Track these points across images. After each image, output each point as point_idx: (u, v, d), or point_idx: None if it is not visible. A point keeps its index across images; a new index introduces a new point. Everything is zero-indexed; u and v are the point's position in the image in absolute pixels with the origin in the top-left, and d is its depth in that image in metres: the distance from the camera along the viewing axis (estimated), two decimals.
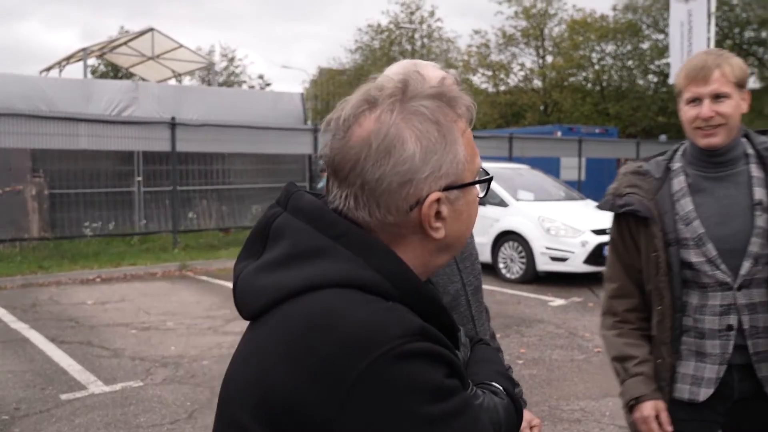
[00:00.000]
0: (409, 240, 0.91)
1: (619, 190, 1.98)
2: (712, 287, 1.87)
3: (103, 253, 10.81)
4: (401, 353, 0.77)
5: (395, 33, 37.37)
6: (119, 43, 19.58)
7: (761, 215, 1.84)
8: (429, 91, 0.90)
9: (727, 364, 1.87)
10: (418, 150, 0.86)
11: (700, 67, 1.85)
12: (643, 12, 29.50)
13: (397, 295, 0.85)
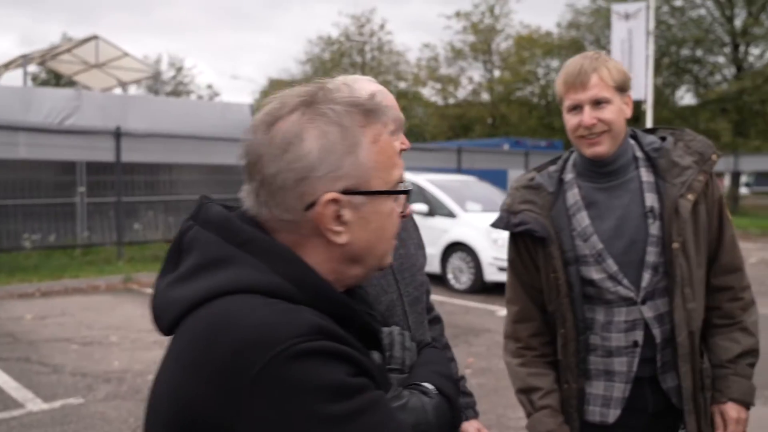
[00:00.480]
0: (312, 243, 0.90)
1: (513, 207, 1.86)
2: (617, 303, 1.79)
3: (43, 266, 10.46)
4: (296, 352, 0.76)
5: (346, 45, 37.49)
6: (61, 51, 19.07)
7: (654, 222, 1.77)
8: (342, 98, 0.92)
9: (632, 382, 1.80)
10: (315, 148, 0.87)
11: (577, 73, 1.74)
12: (586, 29, 30.42)
13: (304, 299, 0.85)
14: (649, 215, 1.77)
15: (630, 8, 18.09)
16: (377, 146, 0.92)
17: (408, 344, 1.08)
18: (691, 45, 27.27)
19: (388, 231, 0.95)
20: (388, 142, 0.94)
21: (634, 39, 17.95)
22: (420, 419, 0.91)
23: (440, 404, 0.97)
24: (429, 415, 0.94)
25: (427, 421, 0.92)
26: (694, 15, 27.17)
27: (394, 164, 0.95)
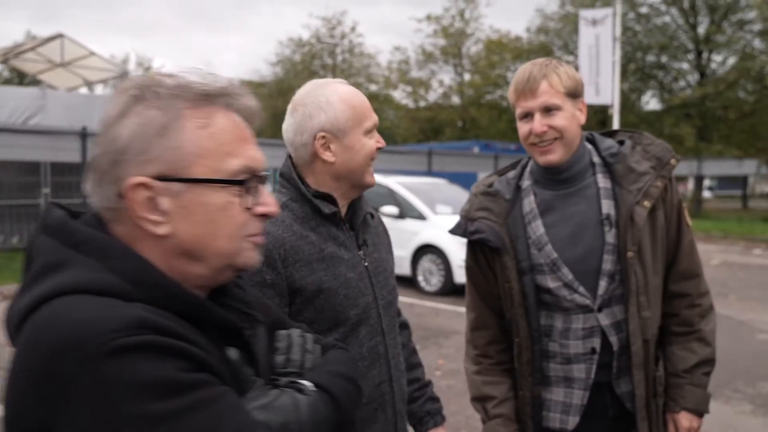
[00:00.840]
0: (141, 236, 0.87)
1: (471, 214, 1.85)
2: (574, 311, 1.78)
3: (6, 269, 10.21)
4: (114, 348, 0.73)
5: (317, 47, 37.40)
6: (26, 49, 18.67)
7: (610, 230, 1.75)
8: (170, 82, 0.87)
9: (590, 389, 1.80)
10: (127, 130, 0.84)
11: (526, 80, 1.72)
12: (555, 35, 30.84)
13: (141, 296, 0.81)
14: (605, 222, 1.75)
15: (597, 14, 18.43)
16: (206, 131, 0.87)
17: (309, 347, 1.05)
18: (656, 51, 27.84)
19: (224, 227, 0.88)
20: (228, 129, 0.89)
21: (601, 45, 18.27)
22: (289, 418, 0.88)
23: (317, 402, 0.93)
24: (301, 414, 0.89)
25: (298, 420, 0.88)
26: (659, 22, 27.76)
27: (233, 153, 0.88)
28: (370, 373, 1.58)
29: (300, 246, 1.52)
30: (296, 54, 38.06)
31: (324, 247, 1.55)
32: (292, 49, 38.09)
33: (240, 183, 0.89)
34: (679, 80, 28.90)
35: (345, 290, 1.55)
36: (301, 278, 1.51)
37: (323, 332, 1.51)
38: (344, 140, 1.57)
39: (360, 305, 1.58)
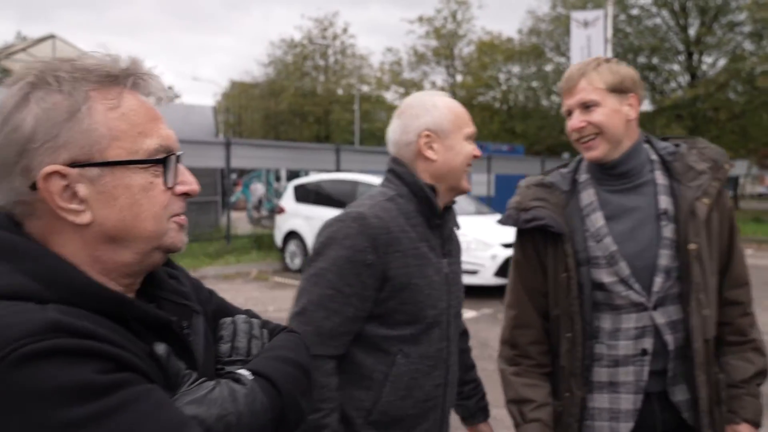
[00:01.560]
0: (59, 228, 0.83)
1: (524, 204, 1.80)
2: (626, 308, 1.71)
3: None
4: (23, 355, 0.69)
5: (309, 48, 37.40)
6: (17, 50, 18.63)
7: (667, 225, 1.71)
8: (72, 65, 0.84)
9: (643, 393, 1.71)
10: (31, 116, 0.79)
11: (566, 79, 1.76)
12: (546, 36, 30.98)
13: (55, 297, 0.77)
14: (663, 218, 1.72)
15: (589, 16, 18.51)
16: (117, 112, 0.83)
17: (256, 332, 1.03)
18: (648, 53, 28.04)
19: (148, 208, 0.85)
20: (138, 109, 0.86)
21: (593, 46, 18.35)
22: (226, 409, 0.85)
23: (255, 390, 0.89)
24: (239, 404, 0.87)
25: (236, 411, 0.86)
26: (650, 24, 27.96)
27: (146, 133, 0.85)
28: (433, 373, 1.66)
29: (401, 238, 1.60)
30: (288, 55, 38.05)
31: (419, 245, 1.63)
32: (284, 50, 38.08)
33: (159, 162, 0.86)
34: (670, 82, 29.14)
35: (429, 290, 1.63)
36: (395, 267, 1.58)
37: (401, 325, 1.61)
38: (446, 141, 1.68)
39: (438, 308, 1.66)
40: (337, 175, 11.72)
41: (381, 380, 1.60)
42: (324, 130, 37.78)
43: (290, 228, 11.27)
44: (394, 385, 1.60)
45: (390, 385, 1.60)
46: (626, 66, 1.78)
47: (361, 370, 1.61)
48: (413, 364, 1.62)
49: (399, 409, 1.61)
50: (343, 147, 15.31)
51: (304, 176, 14.03)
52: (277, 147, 15.38)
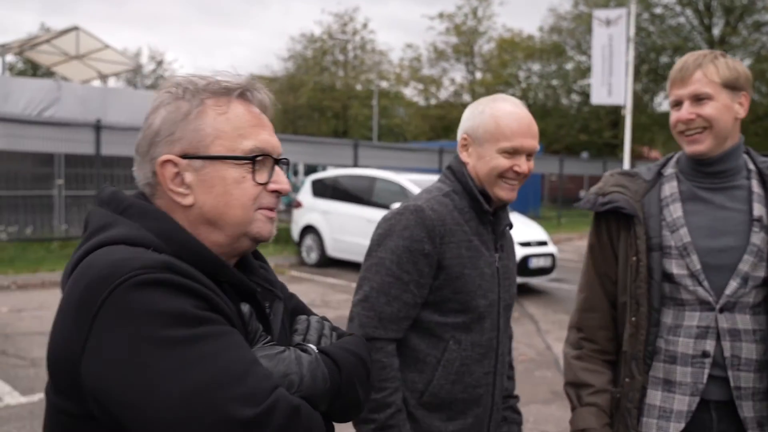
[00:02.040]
0: (174, 207, 1.02)
1: (604, 189, 1.82)
2: (691, 305, 1.68)
3: (20, 259, 10.32)
4: (139, 281, 0.85)
5: (328, 43, 37.44)
6: (41, 41, 18.80)
7: (758, 232, 1.66)
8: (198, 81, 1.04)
9: (699, 396, 1.66)
10: (160, 118, 1.02)
11: (680, 69, 1.70)
12: (568, 34, 30.75)
13: (170, 251, 0.94)
14: (756, 224, 1.66)
15: (611, 14, 18.33)
16: (223, 117, 1.02)
17: (326, 332, 1.14)
18: (670, 52, 27.70)
19: (237, 198, 1.01)
20: (242, 115, 1.03)
21: (614, 45, 18.18)
22: (290, 369, 0.97)
23: (318, 363, 1.01)
24: (303, 368, 0.98)
25: (299, 373, 0.97)
26: (674, 23, 27.64)
27: (246, 135, 1.02)
28: (483, 361, 1.75)
29: (455, 230, 1.71)
30: (308, 50, 38.11)
31: (472, 239, 1.74)
32: (304, 45, 38.14)
33: (250, 160, 1.02)
34: None
35: (480, 281, 1.73)
36: (450, 257, 1.69)
37: (454, 312, 1.71)
38: (479, 148, 1.75)
39: (488, 299, 1.75)
40: (355, 170, 11.74)
41: (434, 364, 1.70)
42: (342, 125, 37.82)
43: (307, 222, 11.32)
44: (446, 369, 1.70)
45: (442, 369, 1.70)
46: (741, 63, 1.73)
47: (415, 353, 1.71)
48: (464, 351, 1.71)
49: (449, 393, 1.71)
50: (361, 142, 15.32)
51: (322, 171, 14.07)
52: (295, 141, 15.43)
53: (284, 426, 0.87)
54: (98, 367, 0.84)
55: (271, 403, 0.86)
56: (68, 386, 0.89)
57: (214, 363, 0.85)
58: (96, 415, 0.87)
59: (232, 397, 0.84)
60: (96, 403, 0.86)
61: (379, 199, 10.32)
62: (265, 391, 0.87)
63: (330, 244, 10.90)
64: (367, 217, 10.15)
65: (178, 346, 0.84)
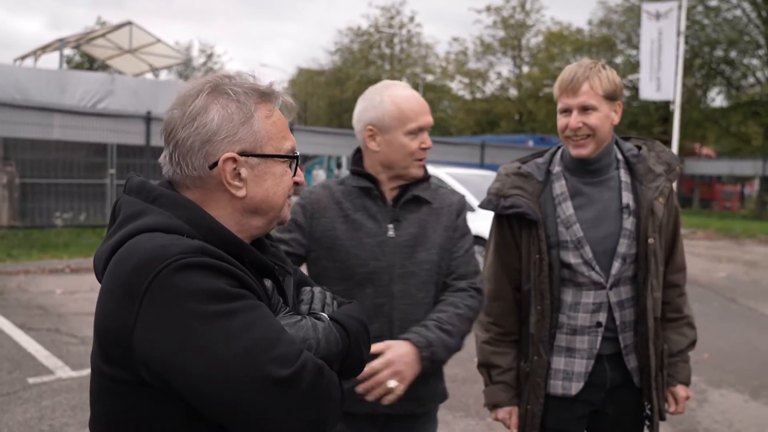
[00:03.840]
0: (216, 198, 1.13)
1: (503, 191, 2.04)
2: (587, 286, 1.98)
3: (74, 244, 10.80)
4: (180, 265, 0.97)
5: (375, 36, 37.58)
6: (96, 35, 19.48)
7: (628, 218, 1.98)
8: (242, 83, 1.15)
9: (594, 359, 2.00)
10: (216, 118, 1.11)
11: (570, 80, 1.93)
12: (618, 28, 30.15)
13: (199, 236, 1.06)
14: (625, 211, 1.99)
15: (661, 8, 17.91)
16: (270, 120, 1.16)
17: (328, 301, 1.28)
18: (725, 46, 26.88)
19: (282, 190, 1.17)
20: (281, 119, 1.18)
21: (664, 39, 17.78)
22: (309, 335, 1.11)
23: (331, 329, 1.16)
24: (318, 333, 1.12)
25: (316, 338, 1.11)
26: (729, 16, 26.78)
27: (286, 137, 1.17)
28: (371, 326, 1.77)
29: (330, 207, 1.93)
30: (354, 43, 38.34)
31: (351, 213, 1.92)
32: (351, 39, 38.38)
33: (292, 158, 1.19)
34: (747, 76, 27.85)
35: (357, 251, 1.89)
36: (321, 231, 1.91)
37: (334, 281, 1.86)
38: (386, 135, 1.88)
39: (370, 267, 1.88)
40: None
41: None
42: None
43: None
44: None
45: None
46: (617, 75, 2.00)
47: None
48: None
49: None
50: None
51: None
52: (337, 134, 15.63)
53: (312, 382, 1.01)
54: (151, 339, 0.96)
55: (302, 363, 0.99)
56: (119, 356, 1.00)
57: (252, 331, 0.97)
58: (146, 380, 0.99)
59: (270, 359, 0.97)
60: (147, 370, 0.97)
61: None
62: (295, 353, 1.00)
63: None
64: None
65: (219, 319, 0.96)
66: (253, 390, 0.96)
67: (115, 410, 1.05)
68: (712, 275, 10.70)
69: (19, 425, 3.93)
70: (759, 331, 7.01)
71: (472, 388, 4.59)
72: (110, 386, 1.04)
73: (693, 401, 4.74)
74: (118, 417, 1.05)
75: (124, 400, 1.03)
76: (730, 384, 5.14)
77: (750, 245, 15.59)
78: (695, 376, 5.25)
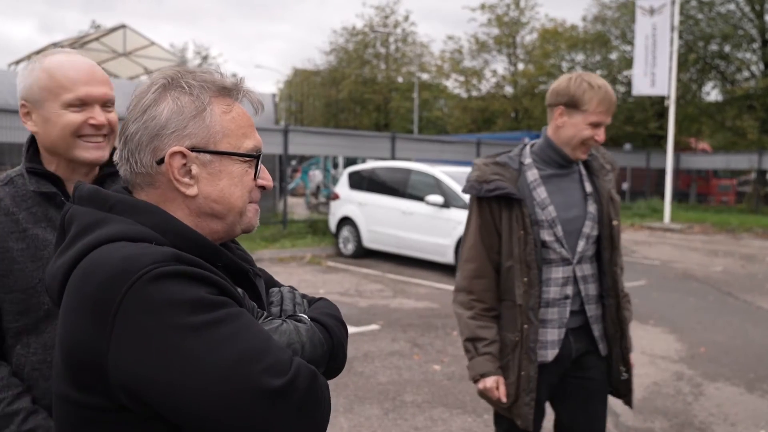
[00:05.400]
0: (171, 198, 1.06)
1: (485, 177, 2.26)
2: (557, 262, 2.23)
3: None
4: (154, 275, 0.89)
5: (370, 36, 37.58)
6: (90, 39, 19.50)
7: (592, 203, 2.29)
8: (199, 76, 1.08)
9: (565, 328, 2.24)
10: (166, 111, 1.04)
11: (610, 101, 2.21)
12: (612, 24, 30.16)
13: (168, 242, 0.99)
14: (589, 198, 2.30)
15: (655, 3, 17.95)
16: (228, 116, 1.08)
17: (298, 300, 1.22)
18: (719, 41, 26.90)
19: (238, 190, 1.08)
20: (242, 116, 1.10)
21: (658, 35, 17.82)
22: (292, 339, 1.05)
23: (314, 330, 1.11)
24: (302, 336, 1.07)
25: (300, 341, 1.06)
26: (723, 10, 26.79)
27: (247, 135, 1.09)
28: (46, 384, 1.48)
29: (2, 221, 1.49)
30: (349, 43, 38.33)
31: (29, 227, 1.50)
32: (346, 38, 38.36)
33: (255, 158, 1.11)
34: (742, 71, 27.87)
35: (42, 274, 1.46)
36: None
37: (10, 317, 1.48)
38: (41, 111, 1.50)
39: None
40: (391, 162, 11.88)
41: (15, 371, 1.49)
42: (383, 118, 37.95)
43: (344, 214, 11.52)
44: (20, 377, 1.48)
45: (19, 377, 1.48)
46: None
47: None
48: (34, 355, 1.48)
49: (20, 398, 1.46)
50: (398, 135, 15.44)
51: (361, 163, 14.24)
52: (334, 134, 15.64)
53: (308, 389, 0.95)
54: (129, 361, 0.88)
55: (295, 371, 0.94)
56: (91, 382, 0.92)
57: (239, 341, 0.91)
58: (126, 405, 0.91)
59: (263, 369, 0.90)
60: (126, 394, 0.90)
61: (414, 191, 10.44)
62: (287, 361, 0.94)
63: (366, 235, 11.08)
64: (402, 209, 10.29)
65: (202, 330, 0.89)
66: (248, 404, 0.89)
67: None
68: (709, 269, 10.74)
69: None
70: (755, 324, 7.03)
71: (468, 386, 4.61)
72: (83, 414, 0.96)
73: (689, 394, 4.77)
74: None
75: (99, 427, 0.95)
76: (726, 377, 5.17)
77: (746, 239, 15.62)
78: (691, 369, 5.32)
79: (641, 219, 18.87)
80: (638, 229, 17.19)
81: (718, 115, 27.89)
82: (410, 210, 10.23)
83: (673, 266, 11.04)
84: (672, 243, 14.50)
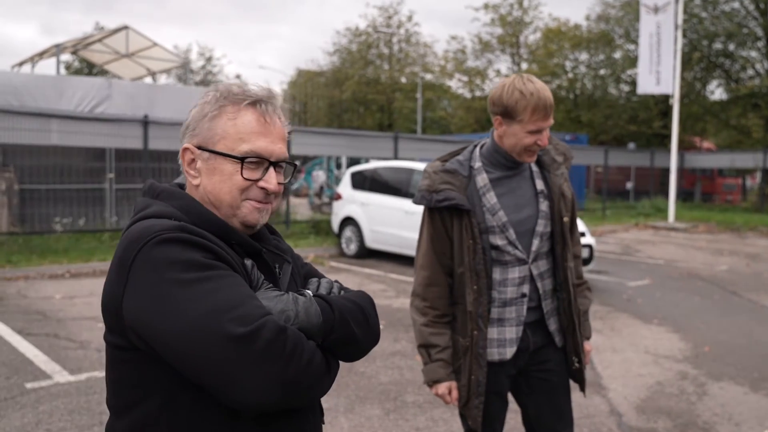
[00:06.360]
0: (190, 187, 1.30)
1: (435, 187, 2.26)
2: (512, 263, 2.25)
3: (73, 249, 10.81)
4: (160, 239, 1.12)
5: (373, 36, 37.55)
6: (93, 40, 19.48)
7: (543, 201, 2.29)
8: (224, 88, 1.29)
9: (523, 326, 2.29)
10: (193, 114, 1.30)
11: (545, 105, 2.14)
12: (616, 23, 30.07)
13: (190, 220, 1.21)
14: (540, 196, 2.30)
15: (659, 1, 17.86)
16: (231, 121, 1.26)
17: (335, 290, 1.35)
18: (723, 39, 26.78)
19: (226, 187, 1.26)
20: (247, 123, 1.26)
21: (662, 33, 17.74)
22: (288, 307, 1.18)
23: (312, 302, 1.22)
24: (298, 306, 1.19)
25: (294, 310, 1.18)
26: (727, 8, 26.67)
27: (244, 140, 1.25)
28: None
29: None
30: (353, 44, 38.31)
31: None
32: (349, 39, 38.34)
33: (240, 160, 1.25)
34: (747, 69, 27.74)
35: None
36: None
37: None
38: None
39: None
40: (393, 162, 11.85)
41: None
42: (387, 118, 37.93)
43: (346, 214, 11.50)
44: None
45: None
46: None
47: None
48: None
49: None
50: (401, 135, 15.41)
51: (364, 164, 14.21)
52: (337, 135, 15.62)
53: (270, 341, 1.08)
54: (134, 305, 1.10)
55: (260, 323, 1.08)
56: (115, 324, 1.15)
57: (217, 295, 1.09)
58: (136, 344, 1.13)
59: (230, 318, 1.07)
60: (134, 334, 1.12)
61: (415, 190, 10.39)
62: (255, 316, 1.09)
63: (368, 235, 11.07)
64: (404, 208, 10.26)
65: (192, 284, 1.08)
66: (212, 346, 1.06)
67: (119, 377, 1.20)
68: (714, 268, 10.68)
69: (16, 430, 3.92)
70: (760, 323, 6.99)
71: None
72: (114, 354, 1.19)
73: (693, 394, 4.74)
74: (121, 382, 1.19)
75: (123, 365, 1.18)
76: (730, 376, 5.13)
77: (751, 238, 15.54)
78: (695, 369, 5.28)
79: (645, 218, 18.81)
80: (642, 229, 17.13)
81: (722, 113, 27.78)
82: (413, 210, 10.20)
83: (678, 265, 11.00)
84: (676, 242, 14.44)
